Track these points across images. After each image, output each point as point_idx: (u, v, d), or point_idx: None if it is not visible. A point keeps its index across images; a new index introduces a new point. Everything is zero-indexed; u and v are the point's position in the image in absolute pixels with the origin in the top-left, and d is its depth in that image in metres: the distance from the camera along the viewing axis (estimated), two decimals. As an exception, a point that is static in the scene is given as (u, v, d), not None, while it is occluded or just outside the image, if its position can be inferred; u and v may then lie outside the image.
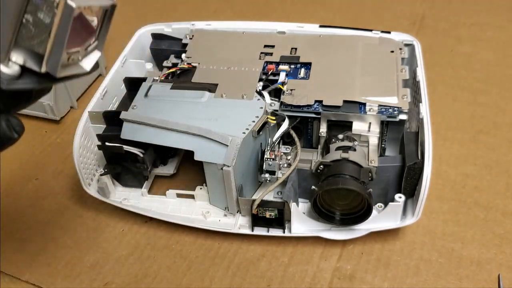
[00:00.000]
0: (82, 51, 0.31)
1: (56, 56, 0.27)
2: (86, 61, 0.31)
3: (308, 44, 0.61)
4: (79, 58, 0.31)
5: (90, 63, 0.32)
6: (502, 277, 0.49)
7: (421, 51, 0.59)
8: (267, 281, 0.50)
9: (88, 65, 0.32)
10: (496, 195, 0.57)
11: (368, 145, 0.52)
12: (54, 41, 0.27)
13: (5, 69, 0.27)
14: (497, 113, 0.66)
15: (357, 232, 0.51)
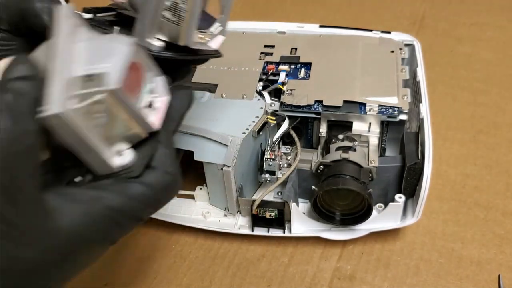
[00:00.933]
0: (208, 34, 0.36)
1: (190, 30, 0.33)
2: (213, 42, 0.37)
3: (308, 44, 0.61)
4: (207, 40, 0.36)
5: (216, 43, 0.37)
6: (502, 277, 0.49)
7: (421, 51, 0.59)
8: (267, 281, 0.50)
9: (215, 45, 0.37)
10: (496, 195, 0.57)
11: (368, 145, 0.52)
12: (189, 19, 0.32)
13: (153, 41, 0.32)
14: (497, 113, 0.66)
15: (357, 232, 0.51)
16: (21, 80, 0.24)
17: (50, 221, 0.25)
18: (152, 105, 0.29)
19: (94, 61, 0.26)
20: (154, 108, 0.29)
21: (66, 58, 0.26)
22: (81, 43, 0.27)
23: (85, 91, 0.25)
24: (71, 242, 0.26)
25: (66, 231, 0.26)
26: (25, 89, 0.24)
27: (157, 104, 0.29)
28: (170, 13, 0.32)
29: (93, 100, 0.25)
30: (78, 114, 0.25)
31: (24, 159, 0.24)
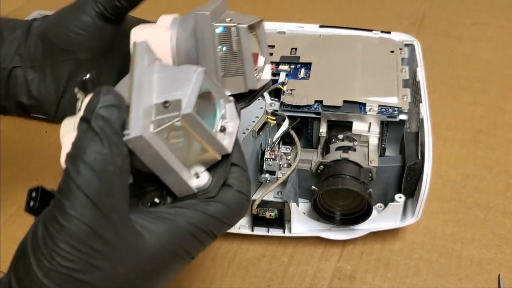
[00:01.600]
0: (259, 69, 0.38)
1: (251, 74, 0.35)
2: (265, 74, 0.38)
3: (308, 44, 0.61)
4: (260, 74, 0.38)
5: (268, 73, 0.38)
6: (502, 277, 0.49)
7: (421, 51, 0.59)
8: (267, 281, 0.50)
9: (268, 75, 0.38)
10: (496, 195, 0.57)
11: (368, 145, 0.52)
12: (245, 62, 0.35)
13: None
14: (497, 113, 0.66)
15: (357, 232, 0.51)
16: (109, 108, 0.26)
17: (140, 239, 0.27)
18: (225, 129, 0.31)
19: (170, 89, 0.29)
20: (227, 133, 0.31)
21: (145, 88, 0.28)
22: (158, 74, 0.30)
23: (162, 117, 0.28)
24: (159, 257, 0.28)
25: (154, 247, 0.28)
26: (113, 115, 0.26)
27: (229, 128, 0.31)
28: (228, 65, 0.35)
29: (169, 124, 0.28)
30: (157, 136, 0.28)
31: (116, 180, 0.26)
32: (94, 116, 0.26)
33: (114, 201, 0.26)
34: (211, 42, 0.34)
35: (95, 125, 0.26)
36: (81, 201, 0.25)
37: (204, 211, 0.30)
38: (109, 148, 0.26)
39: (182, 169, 0.29)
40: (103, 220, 0.26)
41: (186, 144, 0.29)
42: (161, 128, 0.28)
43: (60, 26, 0.38)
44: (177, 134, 0.28)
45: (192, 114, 0.27)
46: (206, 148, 0.29)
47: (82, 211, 0.25)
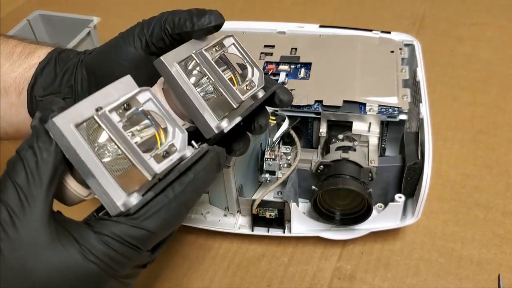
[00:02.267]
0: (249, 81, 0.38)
1: (230, 92, 0.36)
2: (256, 79, 0.38)
3: (308, 44, 0.61)
4: (253, 85, 0.38)
5: (260, 79, 0.38)
6: (502, 277, 0.49)
7: (421, 51, 0.59)
8: (267, 281, 0.50)
9: (261, 81, 0.38)
10: (496, 195, 0.57)
11: (368, 145, 0.52)
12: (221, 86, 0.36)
13: (222, 123, 0.36)
14: (497, 113, 0.66)
15: (357, 232, 0.51)
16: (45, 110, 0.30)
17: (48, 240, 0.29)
18: (169, 155, 0.31)
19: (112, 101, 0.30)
20: (169, 160, 0.31)
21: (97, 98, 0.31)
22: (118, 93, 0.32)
23: (88, 116, 0.30)
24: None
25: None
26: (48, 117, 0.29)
27: (174, 157, 0.31)
28: (206, 92, 0.36)
29: (85, 120, 0.29)
30: (76, 131, 0.29)
31: (41, 170, 0.29)
32: (35, 117, 0.30)
33: (36, 190, 0.29)
34: (174, 79, 0.35)
35: (32, 124, 0.30)
36: (6, 185, 0.29)
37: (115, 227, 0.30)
38: (37, 142, 0.29)
39: (106, 178, 0.30)
40: (20, 206, 0.28)
41: (115, 154, 0.30)
42: (79, 122, 0.29)
43: (105, 57, 0.39)
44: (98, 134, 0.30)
45: (106, 114, 0.29)
46: (132, 161, 0.29)
47: (6, 193, 0.28)
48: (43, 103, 0.31)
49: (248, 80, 0.37)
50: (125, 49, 0.38)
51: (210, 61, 0.35)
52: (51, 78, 0.40)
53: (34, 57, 0.41)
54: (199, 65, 0.35)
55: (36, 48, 0.42)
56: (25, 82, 0.41)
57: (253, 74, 0.38)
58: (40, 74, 0.41)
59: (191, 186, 0.32)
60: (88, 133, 0.30)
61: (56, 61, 0.41)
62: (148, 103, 0.31)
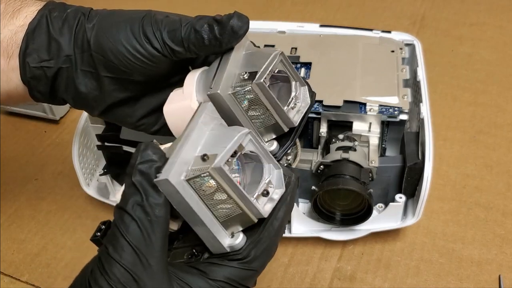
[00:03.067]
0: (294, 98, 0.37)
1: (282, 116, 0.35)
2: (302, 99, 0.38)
3: (308, 44, 0.61)
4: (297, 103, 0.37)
5: (305, 96, 0.37)
6: (502, 277, 0.49)
7: (421, 51, 0.59)
8: (267, 282, 0.50)
9: (306, 99, 0.37)
10: (497, 195, 0.56)
11: (369, 145, 0.51)
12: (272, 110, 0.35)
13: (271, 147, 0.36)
14: (498, 113, 0.66)
15: (357, 233, 0.51)
16: (146, 163, 0.29)
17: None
18: (268, 193, 0.31)
19: (213, 145, 0.30)
20: (269, 198, 0.31)
21: (192, 141, 0.30)
22: (210, 132, 0.32)
23: (196, 168, 0.29)
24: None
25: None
26: (150, 169, 0.29)
27: (274, 195, 0.31)
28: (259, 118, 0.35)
29: (198, 174, 0.29)
30: (187, 184, 0.29)
31: (155, 228, 0.29)
32: (133, 171, 0.29)
33: (152, 248, 0.28)
34: (232, 112, 0.34)
35: (134, 180, 0.29)
36: (122, 246, 0.28)
37: (226, 274, 0.30)
38: (147, 200, 0.29)
39: (214, 224, 0.30)
40: (140, 265, 0.28)
41: (221, 200, 0.30)
42: (191, 176, 0.29)
43: (119, 45, 0.36)
44: (209, 186, 0.29)
45: (221, 168, 0.28)
46: (241, 207, 0.30)
47: (123, 255, 0.28)
48: (141, 153, 0.30)
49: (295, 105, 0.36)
50: (144, 46, 0.35)
51: None
52: (44, 43, 0.36)
53: (20, 17, 0.37)
54: None
55: (21, 5, 0.37)
56: (14, 46, 0.37)
57: (297, 89, 0.37)
58: (32, 38, 0.36)
59: (285, 218, 0.32)
60: (196, 185, 0.29)
61: (49, 22, 0.37)
62: (248, 144, 0.31)
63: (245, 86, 0.34)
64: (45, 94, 0.39)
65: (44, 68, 0.37)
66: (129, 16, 0.37)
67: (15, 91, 0.38)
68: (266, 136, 0.36)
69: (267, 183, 0.31)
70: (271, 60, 0.34)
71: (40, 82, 0.37)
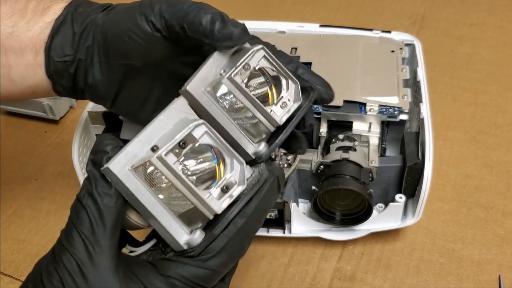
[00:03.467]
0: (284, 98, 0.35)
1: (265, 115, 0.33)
2: (293, 98, 0.36)
3: (308, 44, 0.61)
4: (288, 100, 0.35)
5: (297, 95, 0.36)
6: (502, 277, 0.49)
7: (421, 51, 0.59)
8: (267, 282, 0.50)
9: (297, 97, 0.36)
10: (497, 195, 0.56)
11: (369, 145, 0.51)
12: (252, 109, 0.33)
13: (260, 147, 0.34)
14: (498, 113, 0.66)
15: (357, 233, 0.51)
16: (98, 153, 0.30)
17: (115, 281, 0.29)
18: (228, 190, 0.30)
19: (169, 138, 0.29)
20: (230, 195, 0.30)
21: (152, 134, 0.30)
22: (172, 126, 0.31)
23: (144, 157, 0.29)
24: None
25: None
26: (102, 159, 0.29)
27: (234, 192, 0.30)
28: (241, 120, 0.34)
29: (142, 163, 0.29)
30: (134, 174, 0.29)
31: (104, 216, 0.29)
32: (87, 161, 0.30)
33: (99, 236, 0.29)
34: (207, 111, 0.33)
35: (87, 169, 0.30)
36: (72, 234, 0.29)
37: (180, 273, 0.30)
38: (96, 188, 0.29)
39: (168, 219, 0.30)
40: (86, 253, 0.28)
41: (176, 195, 0.29)
42: (136, 166, 0.29)
43: (119, 28, 0.36)
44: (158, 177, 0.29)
45: (162, 158, 0.28)
46: (193, 202, 0.29)
47: (72, 243, 0.29)
48: (95, 145, 0.30)
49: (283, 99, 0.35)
50: (140, 24, 0.35)
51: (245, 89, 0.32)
52: (68, 37, 0.38)
53: (49, 14, 0.38)
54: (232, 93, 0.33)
55: (51, 2, 0.39)
56: (41, 41, 0.38)
57: (288, 87, 0.35)
58: (57, 33, 0.38)
59: (253, 217, 0.31)
60: (145, 175, 0.29)
61: (73, 18, 0.38)
62: (204, 137, 0.30)
63: (219, 83, 0.32)
64: (68, 88, 0.40)
65: (66, 63, 0.38)
66: (136, 2, 0.37)
67: (40, 85, 0.39)
68: (256, 137, 0.34)
69: (227, 179, 0.30)
70: (247, 56, 0.33)
71: (63, 77, 0.39)
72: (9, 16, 0.37)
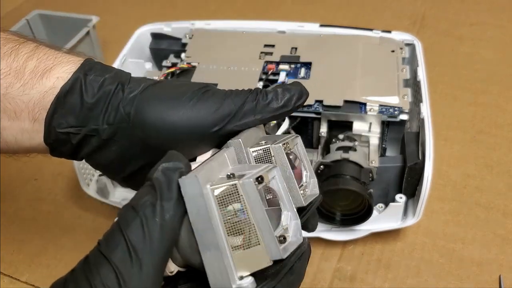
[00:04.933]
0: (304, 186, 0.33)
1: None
2: (312, 188, 0.33)
3: (309, 44, 0.61)
4: (306, 190, 0.33)
5: (314, 188, 0.33)
6: (503, 277, 0.49)
7: (421, 51, 0.59)
8: (267, 282, 0.50)
9: (314, 189, 0.33)
10: (497, 196, 0.56)
11: (369, 145, 0.51)
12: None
13: None
14: (498, 113, 0.66)
15: (357, 233, 0.51)
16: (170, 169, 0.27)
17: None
18: (285, 240, 0.28)
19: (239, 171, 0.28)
20: (287, 243, 0.28)
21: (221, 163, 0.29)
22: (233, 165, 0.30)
23: (222, 180, 0.27)
24: None
25: None
26: (174, 176, 0.26)
27: (290, 245, 0.28)
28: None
29: (226, 185, 0.26)
30: (211, 194, 0.26)
31: (160, 233, 0.25)
32: (155, 171, 0.26)
33: (150, 250, 0.25)
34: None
35: (154, 177, 0.26)
36: (116, 242, 0.26)
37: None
38: (161, 199, 0.26)
39: (227, 253, 0.27)
40: (130, 264, 0.25)
41: (243, 227, 0.27)
42: (217, 186, 0.26)
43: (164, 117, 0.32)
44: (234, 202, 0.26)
45: (251, 183, 0.26)
46: (259, 239, 0.26)
47: (114, 251, 0.25)
48: (169, 156, 0.27)
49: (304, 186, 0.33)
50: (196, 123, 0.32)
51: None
52: (75, 109, 0.33)
53: (51, 77, 0.33)
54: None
55: (53, 63, 0.33)
56: (41, 109, 0.33)
57: (308, 180, 0.33)
58: (62, 103, 0.33)
59: (300, 274, 0.30)
60: (219, 199, 0.26)
61: (82, 88, 0.33)
62: (273, 181, 0.28)
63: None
64: (67, 154, 0.36)
65: (70, 134, 0.34)
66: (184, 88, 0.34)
67: (36, 149, 0.36)
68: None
69: (285, 229, 0.28)
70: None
71: (64, 146, 0.35)
72: (4, 76, 0.32)
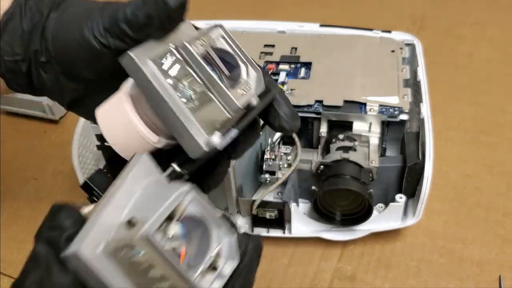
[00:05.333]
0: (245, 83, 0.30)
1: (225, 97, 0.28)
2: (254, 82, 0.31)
3: (309, 44, 0.61)
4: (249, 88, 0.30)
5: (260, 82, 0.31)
6: (503, 277, 0.49)
7: (422, 51, 0.59)
8: (267, 282, 0.50)
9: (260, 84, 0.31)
10: (497, 196, 0.56)
11: (369, 145, 0.51)
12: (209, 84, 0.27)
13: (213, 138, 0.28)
14: (498, 113, 0.66)
15: (357, 233, 0.51)
16: (54, 229, 0.24)
17: None
18: (217, 269, 0.26)
19: (144, 207, 0.25)
20: (218, 274, 0.26)
21: (121, 201, 0.25)
22: (142, 190, 0.26)
23: (118, 237, 0.24)
24: None
25: None
26: (60, 238, 0.23)
27: (225, 270, 0.26)
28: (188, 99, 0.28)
29: (121, 245, 0.23)
30: (106, 258, 0.23)
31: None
32: (36, 237, 0.24)
33: None
34: (148, 82, 0.27)
35: (37, 249, 0.23)
36: None
37: None
38: (48, 278, 0.23)
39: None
40: None
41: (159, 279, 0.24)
42: (111, 249, 0.23)
43: (67, 39, 0.32)
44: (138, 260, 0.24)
45: (148, 238, 0.22)
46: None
47: None
48: (50, 217, 0.24)
49: (243, 81, 0.30)
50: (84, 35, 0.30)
51: (196, 57, 0.27)
52: (17, 35, 0.33)
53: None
54: (180, 62, 0.27)
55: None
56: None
57: (248, 74, 0.30)
58: (5, 30, 0.33)
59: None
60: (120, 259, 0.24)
61: (22, 13, 0.33)
62: (189, 206, 0.25)
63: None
64: (24, 86, 0.36)
65: (19, 62, 0.34)
66: (88, 7, 0.32)
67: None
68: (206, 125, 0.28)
69: (215, 255, 0.26)
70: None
71: (17, 76, 0.35)
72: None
